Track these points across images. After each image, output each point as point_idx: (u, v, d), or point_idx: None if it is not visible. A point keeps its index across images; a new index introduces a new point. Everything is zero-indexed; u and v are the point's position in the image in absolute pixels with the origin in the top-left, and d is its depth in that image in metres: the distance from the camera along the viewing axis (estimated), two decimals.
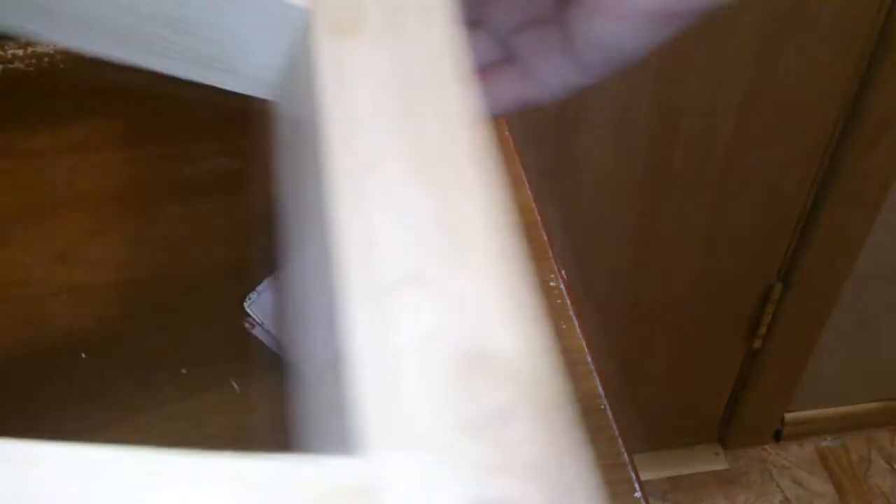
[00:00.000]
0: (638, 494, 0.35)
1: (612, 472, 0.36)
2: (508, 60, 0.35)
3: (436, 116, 0.27)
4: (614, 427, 0.37)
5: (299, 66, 0.29)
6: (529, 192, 0.47)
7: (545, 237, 0.44)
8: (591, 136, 0.93)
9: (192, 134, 0.50)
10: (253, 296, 0.41)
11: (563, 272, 0.43)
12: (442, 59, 0.28)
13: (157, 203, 0.46)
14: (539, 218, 0.45)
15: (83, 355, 0.40)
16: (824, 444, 1.51)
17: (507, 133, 0.50)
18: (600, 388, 0.38)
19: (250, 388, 0.39)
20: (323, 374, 0.25)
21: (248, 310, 0.40)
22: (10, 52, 0.51)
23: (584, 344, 0.39)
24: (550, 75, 0.34)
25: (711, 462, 1.49)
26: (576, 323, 0.40)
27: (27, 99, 0.51)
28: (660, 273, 1.12)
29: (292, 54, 0.30)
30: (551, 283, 0.42)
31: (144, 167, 0.48)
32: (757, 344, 1.27)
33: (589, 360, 0.39)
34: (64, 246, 0.44)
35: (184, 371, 0.40)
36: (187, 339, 0.41)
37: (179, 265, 0.44)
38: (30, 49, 0.51)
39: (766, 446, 1.51)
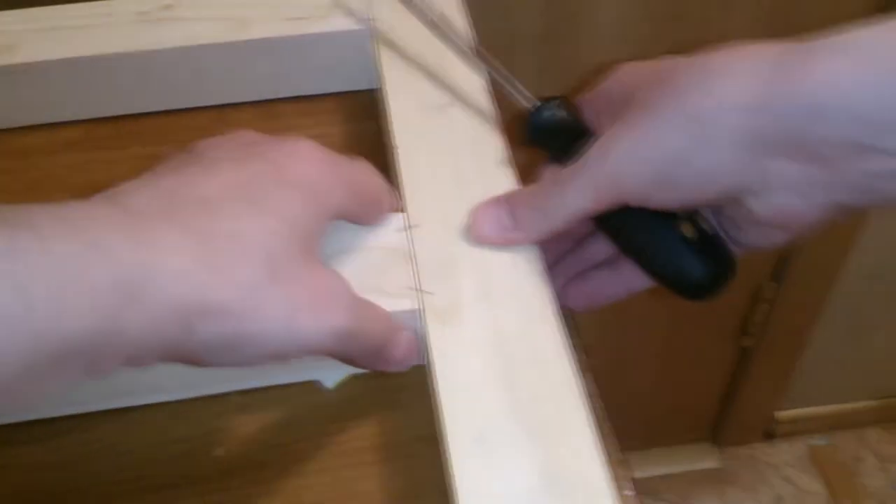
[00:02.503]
0: (630, 493, 0.35)
1: None
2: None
3: (533, 380, 0.34)
4: (607, 424, 0.37)
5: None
6: None
7: None
8: None
9: (192, 134, 0.50)
10: None
11: None
12: (534, 325, 0.35)
13: None
14: None
15: None
16: (815, 442, 1.51)
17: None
18: (594, 386, 0.38)
19: (245, 392, 0.39)
20: None
21: None
22: None
23: (578, 342, 0.40)
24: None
25: (703, 460, 1.49)
26: (570, 321, 0.40)
27: None
28: None
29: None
30: None
31: (143, 167, 0.48)
32: (748, 342, 1.27)
33: (583, 358, 0.39)
34: None
35: None
36: None
37: None
38: None
39: (758, 445, 1.51)
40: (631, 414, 1.37)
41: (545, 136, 0.41)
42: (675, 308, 1.18)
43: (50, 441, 0.37)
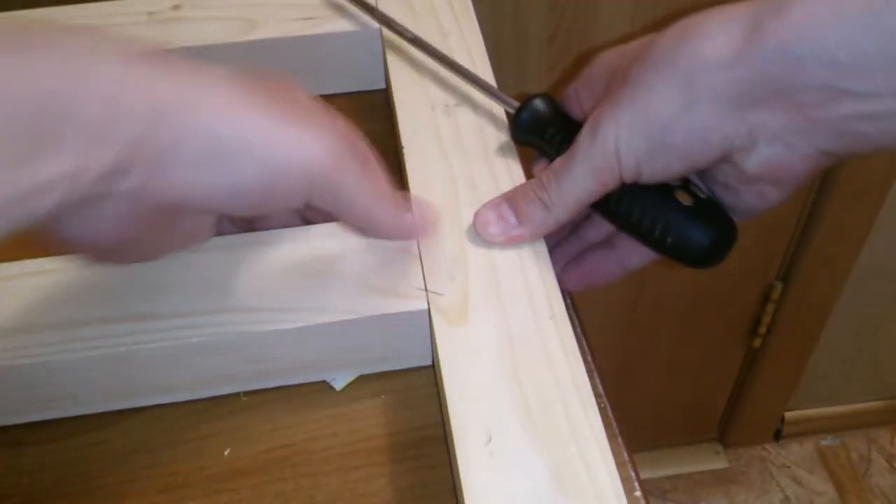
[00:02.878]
0: (638, 493, 0.35)
1: None
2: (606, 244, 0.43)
3: (542, 381, 0.34)
4: (615, 426, 0.37)
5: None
6: None
7: None
8: None
9: None
10: None
11: None
12: (542, 325, 0.35)
13: None
14: None
15: None
16: (824, 443, 1.51)
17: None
18: (601, 387, 0.38)
19: (253, 392, 0.39)
20: None
21: None
22: None
23: (584, 342, 0.39)
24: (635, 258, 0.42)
25: (712, 461, 1.49)
26: (576, 322, 0.40)
27: None
28: (660, 272, 1.12)
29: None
30: None
31: None
32: (757, 343, 1.27)
33: (589, 359, 0.39)
34: None
35: None
36: None
37: None
38: None
39: (767, 445, 1.51)
40: (639, 414, 1.37)
41: (531, 134, 0.41)
42: (684, 308, 1.18)
43: (59, 442, 0.38)
